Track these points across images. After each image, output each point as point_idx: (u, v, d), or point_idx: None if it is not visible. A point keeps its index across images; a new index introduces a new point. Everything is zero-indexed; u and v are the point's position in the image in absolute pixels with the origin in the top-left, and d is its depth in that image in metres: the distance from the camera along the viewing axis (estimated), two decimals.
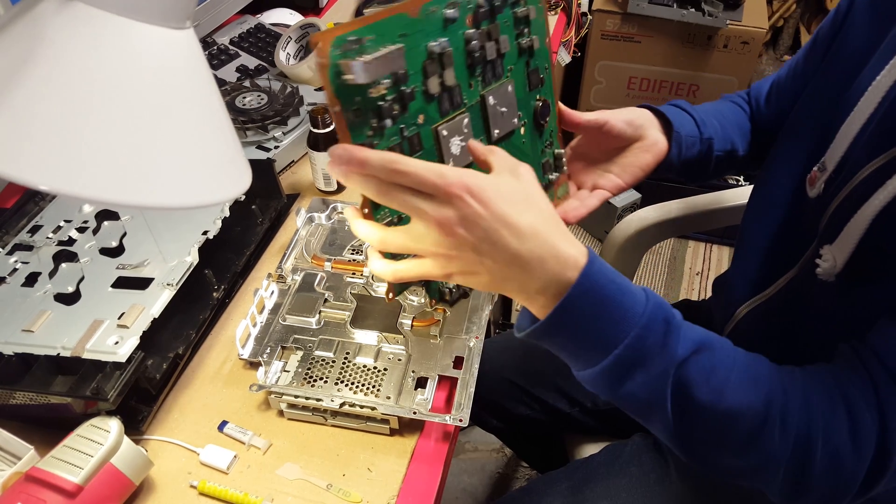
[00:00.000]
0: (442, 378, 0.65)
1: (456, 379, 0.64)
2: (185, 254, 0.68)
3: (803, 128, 0.66)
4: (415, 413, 0.60)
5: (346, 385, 0.64)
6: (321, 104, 0.92)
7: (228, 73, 1.04)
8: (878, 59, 0.56)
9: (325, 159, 0.84)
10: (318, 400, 0.61)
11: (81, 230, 0.74)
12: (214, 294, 0.70)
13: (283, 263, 0.75)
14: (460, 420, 0.60)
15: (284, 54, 1.04)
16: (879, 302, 0.51)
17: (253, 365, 0.68)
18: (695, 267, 1.93)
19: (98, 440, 0.55)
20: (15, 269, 0.70)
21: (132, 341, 0.60)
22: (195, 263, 0.68)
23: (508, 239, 0.45)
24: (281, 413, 0.64)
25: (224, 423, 0.63)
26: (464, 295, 0.61)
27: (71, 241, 0.73)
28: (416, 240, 0.47)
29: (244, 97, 0.94)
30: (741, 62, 2.01)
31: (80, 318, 0.64)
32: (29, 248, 0.72)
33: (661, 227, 0.98)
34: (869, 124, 0.54)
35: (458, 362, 0.66)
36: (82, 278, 0.68)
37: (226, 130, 0.39)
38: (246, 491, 0.58)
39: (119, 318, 0.63)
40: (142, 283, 0.66)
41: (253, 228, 0.78)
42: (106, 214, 0.76)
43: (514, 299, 0.51)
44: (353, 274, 0.75)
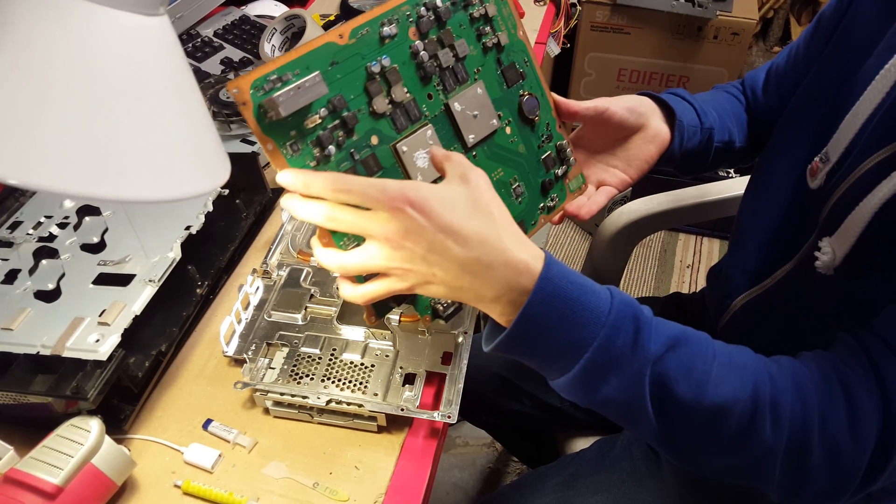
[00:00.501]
0: (430, 374, 0.64)
1: (444, 375, 0.64)
2: (167, 249, 0.67)
3: (805, 116, 0.65)
4: (402, 410, 0.60)
5: (333, 382, 0.63)
6: None
7: (212, 65, 1.03)
8: (886, 47, 0.55)
9: None
10: (305, 397, 0.60)
11: (62, 226, 0.73)
12: (198, 290, 0.69)
13: (268, 259, 0.74)
14: (448, 417, 0.59)
15: (269, 46, 1.03)
16: (880, 295, 0.50)
17: (238, 362, 0.67)
18: (685, 260, 1.93)
19: (78, 440, 0.54)
20: None
21: (113, 339, 0.59)
22: (178, 259, 0.66)
23: (454, 248, 0.45)
24: (266, 411, 0.63)
25: (209, 422, 0.62)
26: (458, 309, 0.60)
27: (51, 238, 0.72)
28: (371, 258, 0.47)
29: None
30: (731, 54, 2.00)
31: (61, 315, 0.62)
32: (9, 244, 0.71)
33: (652, 220, 0.97)
34: (875, 115, 0.53)
35: (447, 358, 0.65)
36: (63, 275, 0.67)
37: (202, 121, 0.38)
38: (231, 490, 0.57)
39: (100, 315, 0.61)
40: (123, 280, 0.65)
41: (237, 223, 0.76)
42: (87, 210, 0.74)
43: (476, 307, 0.51)
44: None
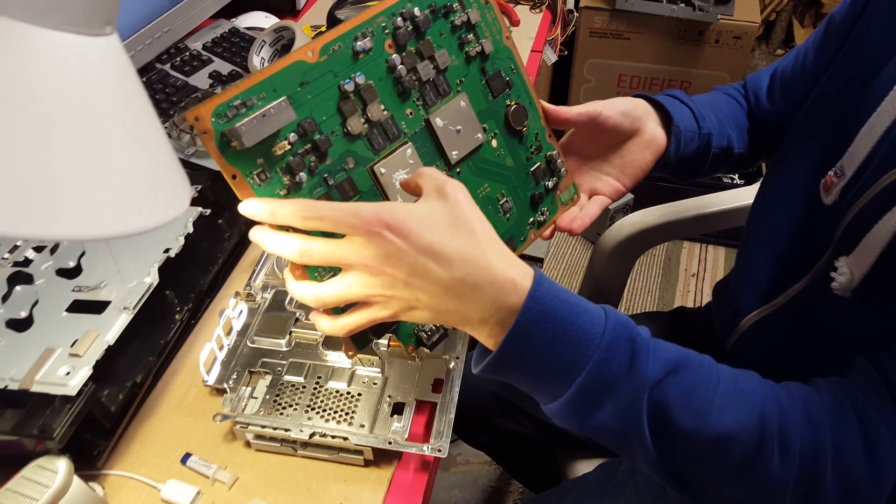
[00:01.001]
0: (420, 402, 0.61)
1: (435, 403, 0.60)
2: (145, 274, 0.64)
3: (817, 128, 0.62)
4: (390, 443, 0.56)
5: (318, 412, 0.60)
6: None
7: (201, 79, 1.00)
8: None
9: None
10: (287, 430, 0.57)
11: (39, 249, 0.70)
12: (177, 316, 0.65)
13: (252, 280, 0.71)
14: (439, 450, 0.56)
15: (258, 59, 1.00)
16: None
17: (219, 391, 0.64)
18: (690, 268, 1.89)
19: (44, 482, 0.51)
20: None
21: (84, 372, 0.56)
22: (155, 284, 0.63)
23: (437, 270, 0.42)
24: (248, 444, 0.60)
25: (187, 456, 0.59)
26: (444, 335, 0.57)
27: (27, 262, 0.69)
28: (349, 287, 0.44)
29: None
30: (734, 57, 1.97)
31: (32, 345, 0.59)
32: None
33: (654, 233, 0.94)
34: (894, 127, 0.49)
35: (438, 385, 0.62)
36: (36, 302, 0.64)
37: (156, 148, 0.35)
38: None
39: (72, 346, 0.58)
40: (98, 307, 0.62)
41: (220, 244, 0.73)
42: None
43: (463, 331, 0.48)
44: None
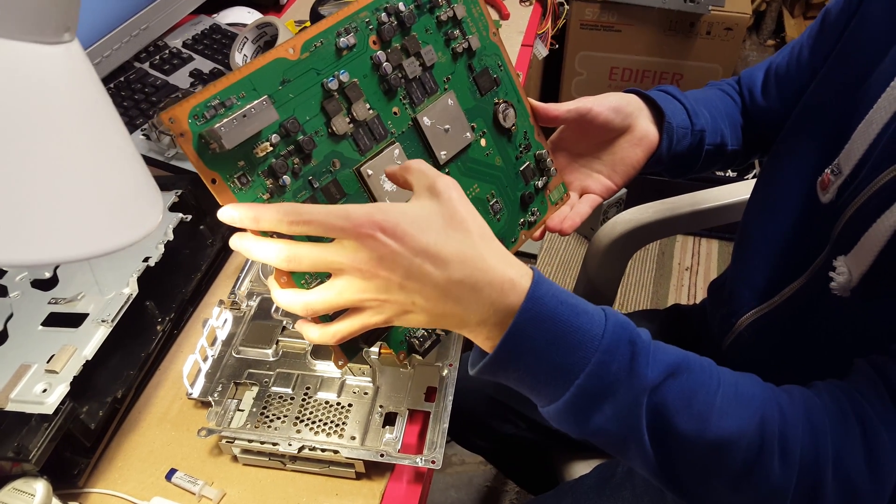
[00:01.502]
0: (413, 411, 0.59)
1: (428, 413, 0.58)
2: (123, 284, 0.62)
3: (813, 125, 0.60)
4: (382, 455, 0.54)
5: (307, 425, 0.58)
6: None
7: (181, 78, 0.97)
8: None
9: None
10: (275, 444, 0.55)
11: None
12: (159, 327, 0.63)
13: (236, 288, 0.68)
14: (433, 462, 0.54)
15: (241, 56, 0.97)
16: None
17: (204, 404, 0.62)
18: (684, 262, 1.88)
19: None
20: None
21: (61, 389, 0.53)
22: (134, 295, 0.61)
23: (433, 272, 0.41)
24: (235, 458, 0.58)
25: (172, 472, 0.57)
26: (436, 341, 0.55)
27: (1, 273, 0.66)
28: (341, 293, 0.42)
29: None
30: (725, 49, 1.96)
31: (6, 361, 0.57)
32: None
33: (648, 230, 0.92)
34: (891, 124, 0.48)
35: (431, 393, 0.60)
36: (10, 315, 0.61)
37: (124, 162, 0.32)
38: None
39: (48, 361, 0.56)
40: (75, 320, 0.60)
41: (203, 251, 0.71)
42: None
43: (460, 334, 0.46)
44: None
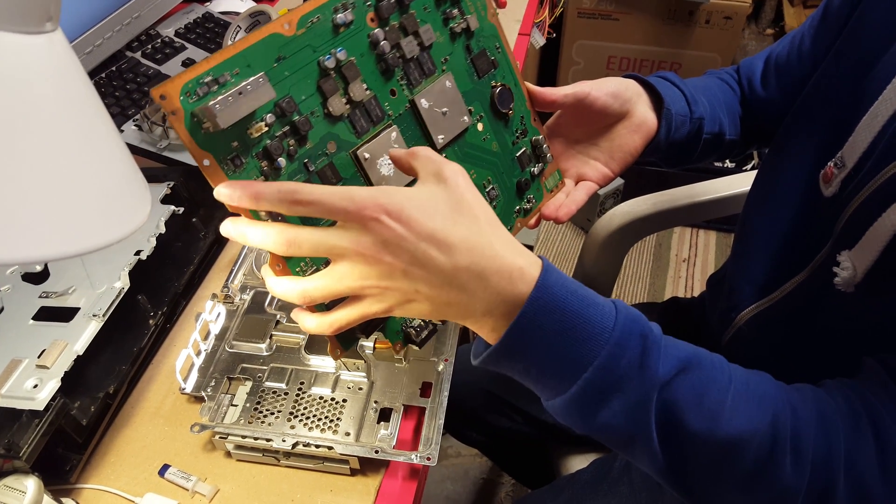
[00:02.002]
0: (408, 407, 0.59)
1: (424, 408, 0.58)
2: (115, 278, 0.61)
3: (816, 117, 0.59)
4: (377, 452, 0.54)
5: (301, 420, 0.57)
6: None
7: (173, 67, 0.96)
8: None
9: None
10: (268, 441, 0.54)
11: None
12: (151, 321, 0.62)
13: (230, 281, 0.68)
14: (428, 458, 0.54)
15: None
16: None
17: (197, 399, 0.61)
18: (681, 253, 1.87)
19: (12, 503, 0.48)
20: None
21: (52, 385, 0.53)
22: (126, 289, 0.60)
23: (439, 258, 0.39)
24: (228, 454, 0.58)
25: (165, 468, 0.57)
26: (433, 331, 0.54)
27: None
28: (341, 280, 0.41)
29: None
30: (724, 38, 1.94)
31: None
32: None
33: (646, 222, 0.92)
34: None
35: (426, 389, 0.59)
36: (1, 309, 0.61)
37: (110, 154, 0.31)
38: None
39: (39, 356, 0.55)
40: (66, 315, 0.59)
41: (195, 243, 0.70)
42: None
43: (464, 325, 0.45)
44: None
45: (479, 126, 0.57)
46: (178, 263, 0.68)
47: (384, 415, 0.58)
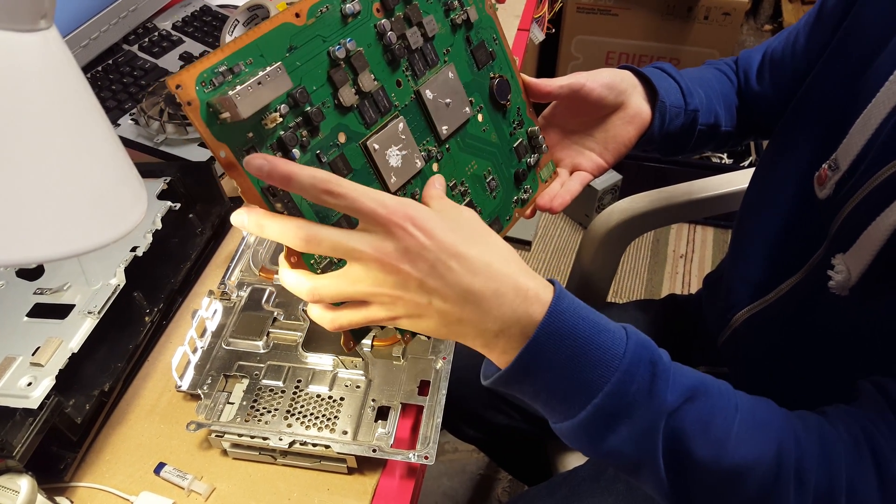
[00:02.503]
0: (406, 405, 0.58)
1: (422, 407, 0.58)
2: (110, 275, 0.60)
3: (810, 119, 0.59)
4: (375, 451, 0.54)
5: (298, 418, 0.57)
6: None
7: (171, 61, 0.95)
8: None
9: None
10: (265, 439, 0.54)
11: None
12: (147, 318, 0.62)
13: (226, 278, 0.67)
14: (426, 457, 0.53)
15: (231, 39, 0.95)
16: None
17: (193, 397, 0.61)
18: (679, 249, 1.87)
19: (5, 503, 0.48)
20: None
21: (46, 383, 0.52)
22: (121, 286, 0.60)
23: (459, 272, 0.39)
24: (225, 452, 0.57)
25: (161, 466, 0.56)
26: None
27: None
28: (354, 283, 0.41)
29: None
30: (723, 34, 1.94)
31: None
32: None
33: (644, 219, 0.91)
34: (890, 119, 0.47)
35: (424, 387, 0.59)
36: None
37: (106, 153, 0.31)
38: None
39: (33, 354, 0.55)
40: (61, 311, 0.58)
41: (192, 239, 0.70)
42: None
43: (471, 346, 0.44)
44: None
45: (479, 117, 0.57)
46: (174, 260, 0.67)
47: (382, 413, 0.57)
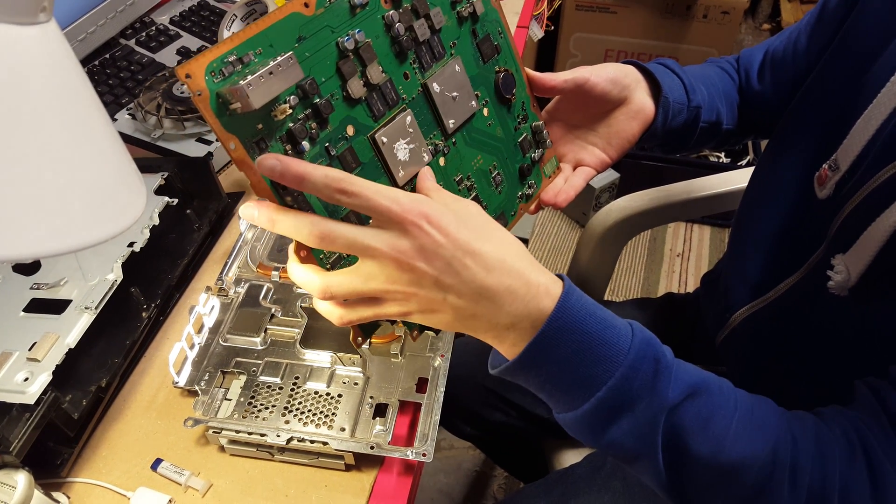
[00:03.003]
0: (404, 402, 0.58)
1: (420, 404, 0.58)
2: (107, 270, 0.60)
3: (810, 119, 0.59)
4: (373, 448, 0.54)
5: (295, 415, 0.57)
6: None
7: (168, 56, 0.95)
8: None
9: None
10: (263, 435, 0.54)
11: None
12: (144, 314, 0.62)
13: (224, 274, 0.67)
14: (424, 455, 0.53)
15: (229, 34, 0.95)
16: None
17: (191, 393, 0.60)
18: (675, 248, 1.87)
19: (2, 498, 0.48)
20: None
21: (43, 378, 0.52)
22: (119, 281, 0.59)
23: (473, 269, 0.40)
24: (222, 448, 0.57)
25: (158, 462, 0.56)
26: None
27: None
28: (368, 280, 0.41)
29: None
30: (721, 32, 1.94)
31: None
32: None
33: (642, 218, 0.91)
34: (890, 120, 0.47)
35: (422, 384, 0.59)
36: None
37: (106, 148, 0.31)
38: None
39: (30, 349, 0.55)
40: (58, 307, 0.58)
41: (189, 235, 0.69)
42: None
43: (481, 339, 0.44)
44: None
45: (485, 111, 0.57)
46: (171, 255, 0.67)
47: (380, 410, 0.57)
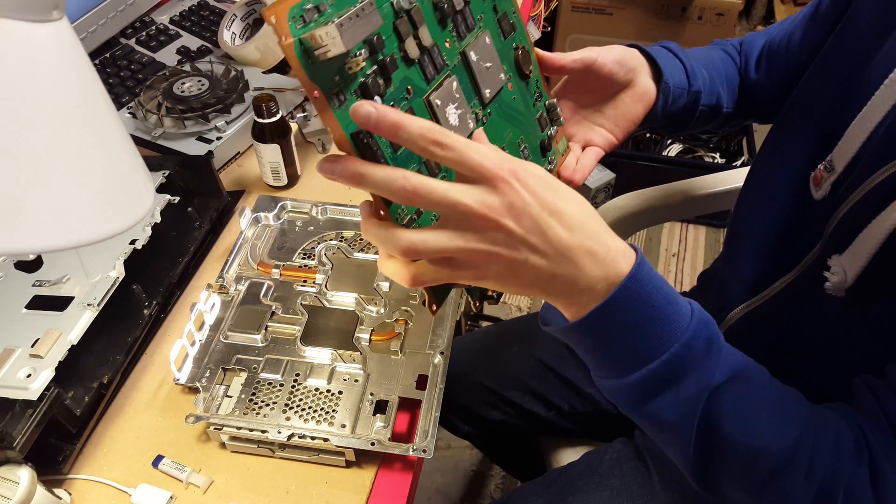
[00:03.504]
0: (404, 399, 0.59)
1: (420, 401, 0.58)
2: (110, 267, 0.60)
3: (805, 119, 0.60)
4: (373, 444, 0.54)
5: (296, 412, 0.57)
6: (266, 91, 0.84)
7: (168, 55, 0.95)
8: (894, 47, 0.49)
9: (272, 151, 0.76)
10: (264, 432, 0.54)
11: None
12: (145, 311, 0.62)
13: (225, 272, 0.67)
14: (424, 451, 0.54)
15: (229, 34, 0.95)
16: (894, 321, 0.45)
17: (192, 390, 0.61)
18: (671, 248, 1.88)
19: (5, 494, 0.48)
20: None
21: (46, 374, 0.52)
22: (121, 278, 0.60)
23: (558, 230, 0.39)
24: (223, 445, 0.57)
25: (159, 458, 0.56)
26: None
27: None
28: (454, 238, 0.39)
29: (183, 83, 0.85)
30: (716, 34, 1.95)
31: None
32: None
33: (640, 216, 0.92)
34: (885, 121, 0.47)
35: (422, 381, 0.60)
36: None
37: (115, 145, 0.31)
38: None
39: (32, 345, 0.55)
40: (60, 304, 0.58)
41: (190, 233, 0.70)
42: None
43: (552, 301, 0.44)
44: (305, 282, 0.67)
45: (510, 85, 0.57)
46: (172, 253, 0.67)
47: (380, 407, 0.58)
